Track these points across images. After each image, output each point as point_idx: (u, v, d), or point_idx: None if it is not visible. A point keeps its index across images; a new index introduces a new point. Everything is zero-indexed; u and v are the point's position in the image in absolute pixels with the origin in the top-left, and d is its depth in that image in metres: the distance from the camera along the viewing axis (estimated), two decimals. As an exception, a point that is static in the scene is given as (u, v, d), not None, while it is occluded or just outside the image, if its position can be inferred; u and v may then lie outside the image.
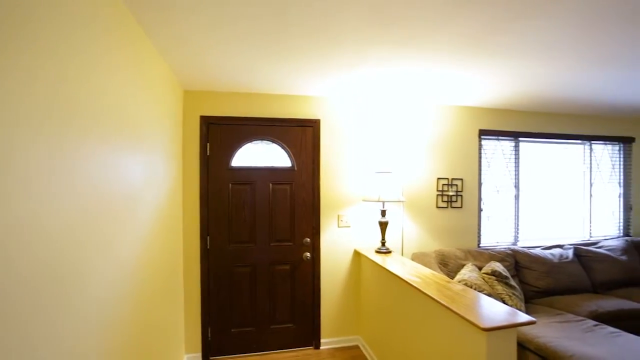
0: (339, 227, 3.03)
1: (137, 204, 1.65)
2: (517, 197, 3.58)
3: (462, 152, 3.36)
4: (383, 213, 2.87)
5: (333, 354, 2.89)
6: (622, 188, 4.02)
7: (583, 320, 2.53)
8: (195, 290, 2.80)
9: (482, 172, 3.46)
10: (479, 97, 3.02)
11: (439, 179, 3.28)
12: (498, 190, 3.54)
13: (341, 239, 3.04)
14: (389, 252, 2.85)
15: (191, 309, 2.79)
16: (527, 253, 3.21)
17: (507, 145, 3.57)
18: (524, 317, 1.55)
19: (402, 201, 3.05)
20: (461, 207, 3.34)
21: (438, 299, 1.76)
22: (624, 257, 3.39)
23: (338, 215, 3.03)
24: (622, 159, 4.02)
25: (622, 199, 4.02)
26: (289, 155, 2.95)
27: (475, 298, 1.78)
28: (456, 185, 3.32)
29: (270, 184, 2.92)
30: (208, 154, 2.81)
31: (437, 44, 1.90)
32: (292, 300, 2.97)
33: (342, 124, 3.05)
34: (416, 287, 1.97)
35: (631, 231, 4.00)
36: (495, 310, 1.61)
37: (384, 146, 3.15)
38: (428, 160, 3.27)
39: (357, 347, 3.01)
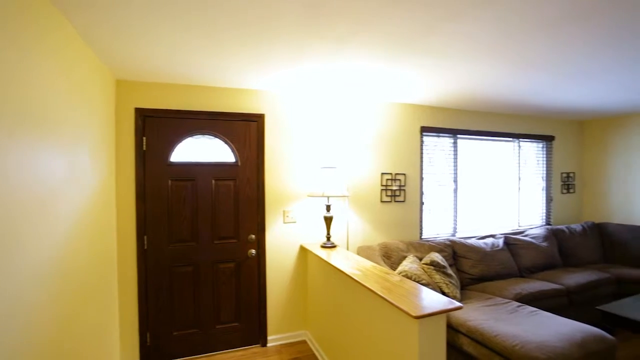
0: (284, 222, 3.01)
1: (54, 203, 1.50)
2: (455, 190, 3.81)
3: (405, 147, 3.49)
4: (328, 208, 2.90)
5: (280, 351, 2.88)
6: (544, 182, 4.45)
7: (509, 302, 2.77)
8: (131, 293, 2.63)
9: (424, 167, 3.62)
10: (420, 95, 3.16)
11: (383, 174, 3.38)
12: (439, 185, 3.74)
13: (287, 234, 3.02)
14: (334, 246, 2.89)
15: (127, 313, 2.62)
16: (463, 243, 3.43)
17: (447, 141, 3.78)
18: (452, 304, 1.64)
19: (347, 196, 3.11)
20: (404, 201, 3.48)
21: (376, 291, 1.82)
22: (545, 244, 3.76)
23: (284, 211, 3.01)
24: (544, 156, 4.45)
25: (544, 192, 4.46)
26: (233, 151, 2.86)
27: (411, 288, 1.86)
28: (399, 180, 3.45)
29: (213, 180, 2.82)
30: (144, 149, 2.64)
31: (376, 40, 1.94)
32: (237, 299, 2.90)
33: (287, 119, 3.02)
34: (357, 280, 2.02)
35: (552, 220, 4.45)
36: (427, 299, 1.70)
37: (329, 142, 3.18)
38: (372, 155, 3.35)
39: (304, 342, 3.03)
